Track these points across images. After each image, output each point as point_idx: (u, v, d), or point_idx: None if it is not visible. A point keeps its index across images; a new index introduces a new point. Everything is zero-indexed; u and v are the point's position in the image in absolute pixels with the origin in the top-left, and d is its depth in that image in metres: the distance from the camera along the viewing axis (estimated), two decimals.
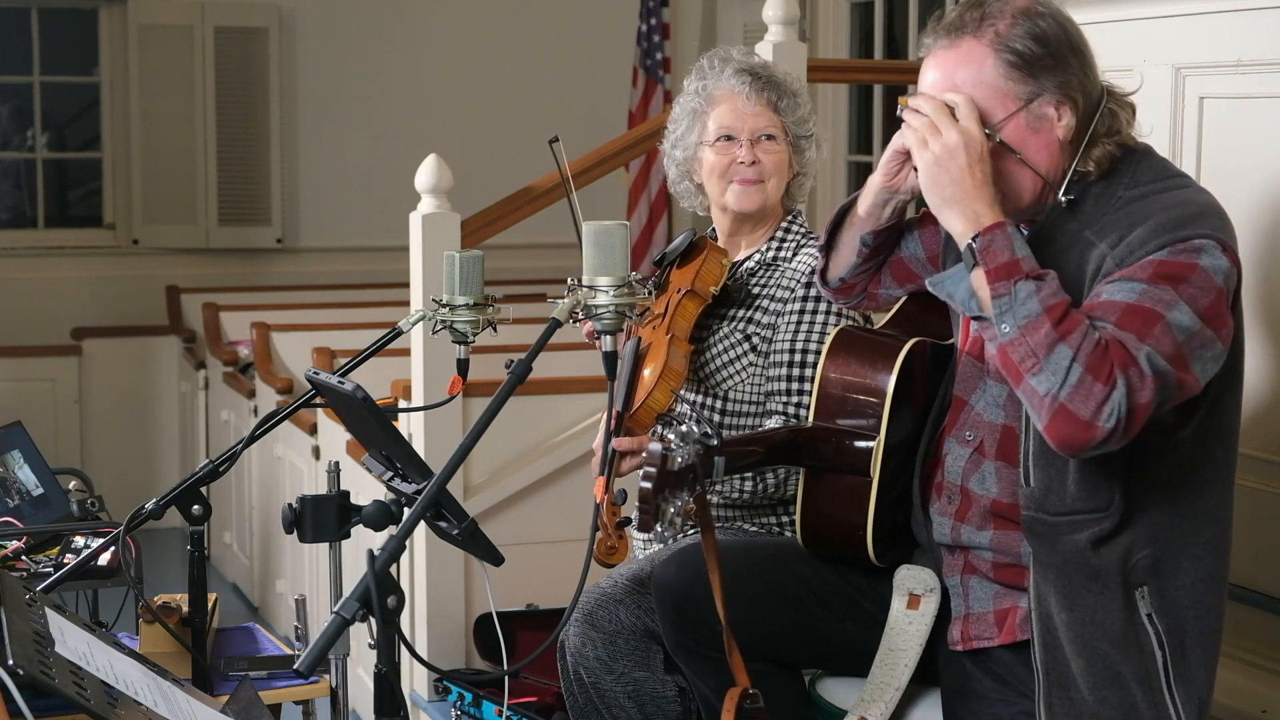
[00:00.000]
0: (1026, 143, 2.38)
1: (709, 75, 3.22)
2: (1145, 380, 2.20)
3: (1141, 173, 2.41)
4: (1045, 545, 2.39)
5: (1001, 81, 2.36)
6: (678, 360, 3.01)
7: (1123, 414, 2.18)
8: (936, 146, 2.32)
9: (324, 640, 2.08)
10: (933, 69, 2.43)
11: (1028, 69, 2.36)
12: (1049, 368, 2.20)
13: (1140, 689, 2.36)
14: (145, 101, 7.76)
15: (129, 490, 6.40)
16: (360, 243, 7.90)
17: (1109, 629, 2.36)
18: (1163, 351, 2.21)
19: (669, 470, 2.36)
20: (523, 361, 2.35)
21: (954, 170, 2.31)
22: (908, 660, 2.59)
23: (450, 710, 3.88)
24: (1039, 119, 2.37)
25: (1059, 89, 2.37)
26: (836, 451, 2.64)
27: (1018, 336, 2.23)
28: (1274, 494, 2.97)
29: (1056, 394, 2.20)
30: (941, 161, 2.32)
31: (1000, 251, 2.27)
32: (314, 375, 2.62)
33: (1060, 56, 2.37)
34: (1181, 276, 2.25)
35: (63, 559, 3.25)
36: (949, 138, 2.32)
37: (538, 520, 4.38)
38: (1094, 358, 2.19)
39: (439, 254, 3.21)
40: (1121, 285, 2.27)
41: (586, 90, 8.03)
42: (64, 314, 7.67)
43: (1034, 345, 2.21)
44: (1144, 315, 2.22)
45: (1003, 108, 2.37)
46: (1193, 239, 2.27)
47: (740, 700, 2.45)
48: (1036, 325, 2.22)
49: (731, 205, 3.20)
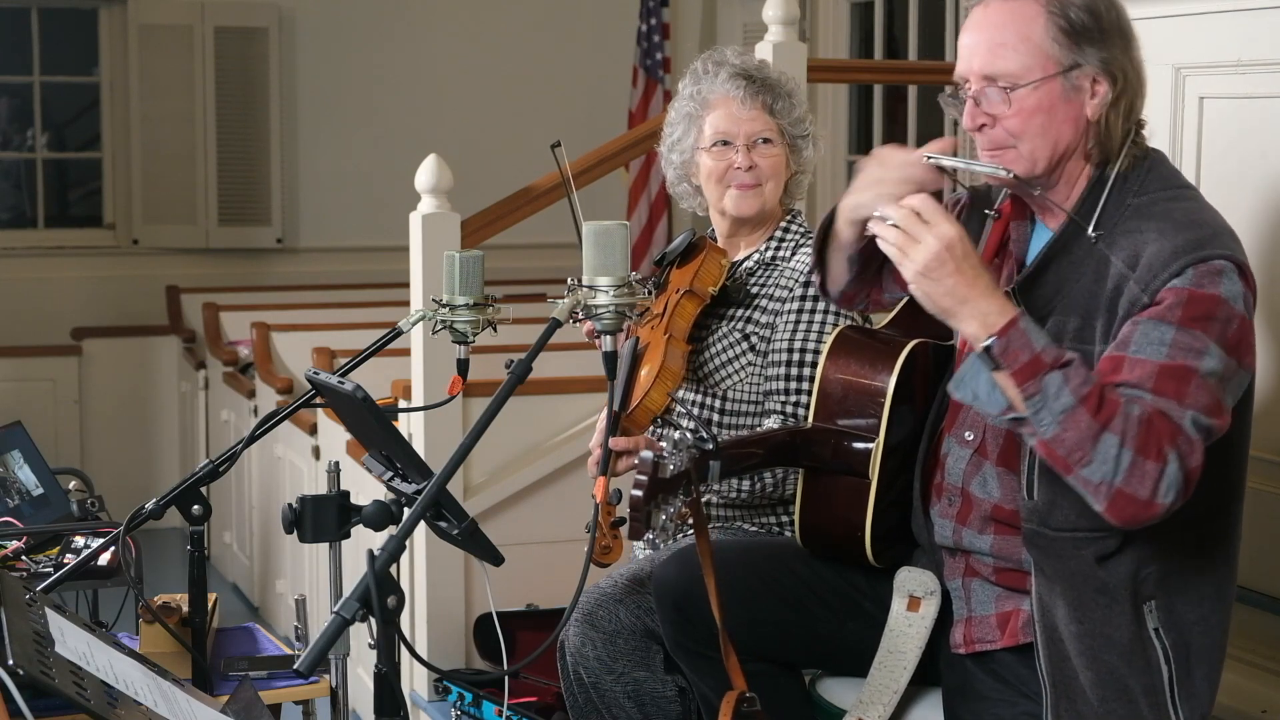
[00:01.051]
0: (1055, 109, 2.36)
1: (703, 79, 3.21)
2: (1194, 445, 2.20)
3: (1150, 181, 2.40)
4: (1049, 558, 2.38)
5: (1048, 43, 2.35)
6: (675, 360, 3.01)
7: (1180, 485, 2.19)
8: (919, 258, 2.27)
9: (324, 640, 2.07)
10: (973, 30, 2.40)
11: (1076, 37, 2.35)
12: (1098, 458, 2.18)
13: (1146, 702, 2.36)
14: (145, 101, 7.76)
15: (129, 490, 6.40)
16: (360, 243, 7.90)
17: (1118, 642, 2.35)
18: (1203, 408, 2.21)
19: (661, 478, 2.35)
20: (523, 361, 2.35)
21: (944, 278, 2.26)
22: (907, 663, 2.59)
23: (450, 710, 3.88)
24: (1075, 89, 2.37)
25: (1101, 65, 2.36)
26: (835, 452, 2.64)
27: (1059, 432, 2.19)
28: (1274, 494, 2.97)
29: (1112, 481, 2.18)
30: (930, 273, 2.26)
31: (1020, 351, 2.22)
32: (314, 375, 2.62)
33: (1109, 34, 2.37)
34: (1208, 314, 2.24)
35: (63, 559, 3.24)
36: (928, 245, 2.26)
37: (538, 520, 4.38)
38: (1141, 439, 2.17)
39: (439, 254, 3.21)
40: (1151, 332, 2.24)
41: (586, 90, 8.03)
42: (64, 314, 7.67)
43: (1079, 439, 2.18)
44: (1179, 376, 2.21)
45: (1041, 68, 2.35)
46: (1213, 259, 2.26)
47: (738, 704, 2.45)
48: (1076, 418, 2.18)
49: (730, 210, 3.19)
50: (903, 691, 2.58)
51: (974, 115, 2.40)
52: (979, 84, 2.39)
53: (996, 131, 2.39)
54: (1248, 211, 2.95)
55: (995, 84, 2.37)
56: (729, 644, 2.49)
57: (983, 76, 2.38)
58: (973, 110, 2.40)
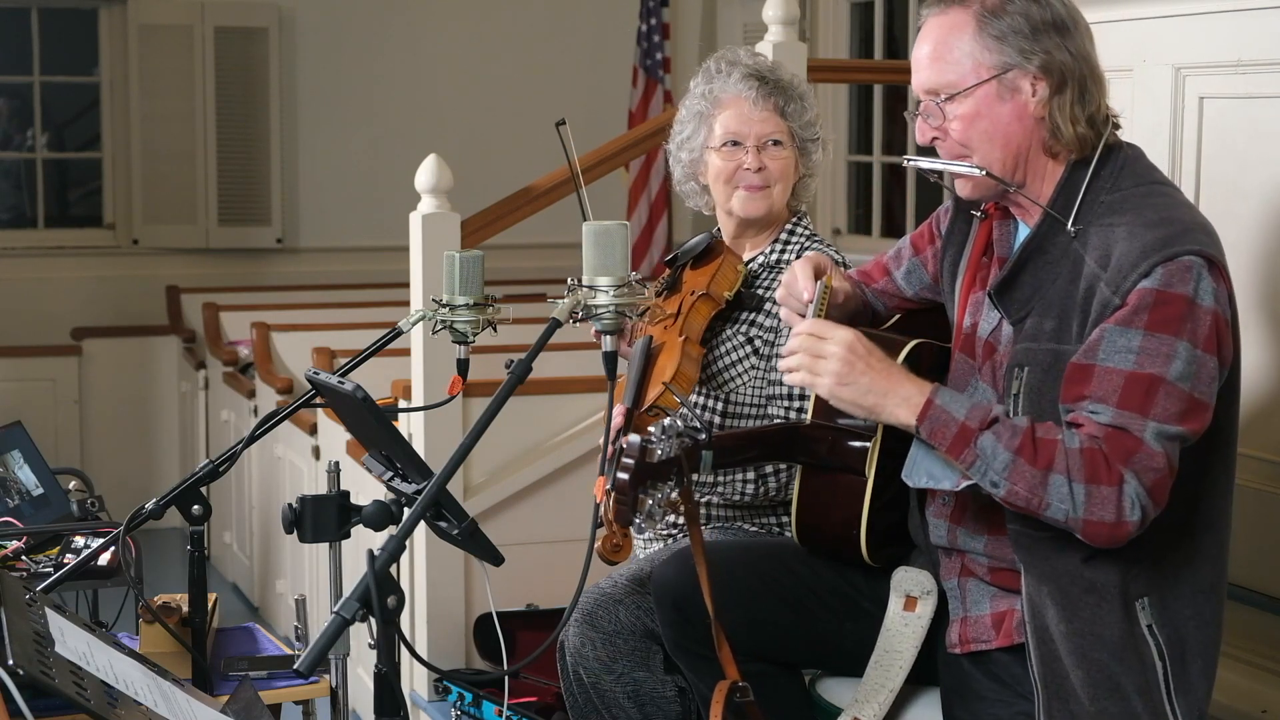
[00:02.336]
0: (995, 112, 2.39)
1: (715, 78, 3.21)
2: (1155, 456, 2.22)
3: (1124, 177, 2.41)
4: (1035, 559, 2.39)
5: (979, 50, 2.39)
6: (691, 362, 3.00)
7: (1144, 499, 2.22)
8: (830, 369, 2.33)
9: (324, 640, 2.07)
10: (917, 46, 2.47)
11: (1005, 39, 2.38)
12: (1053, 499, 2.23)
13: (1140, 700, 2.36)
14: (145, 101, 7.76)
15: (129, 490, 6.41)
16: (360, 243, 7.90)
17: (1108, 640, 2.35)
18: (1170, 415, 2.23)
19: (648, 463, 2.36)
20: (523, 361, 2.35)
21: (858, 378, 2.33)
22: (902, 662, 2.59)
23: (450, 710, 3.88)
24: (1012, 90, 2.39)
25: (1037, 62, 2.38)
26: (831, 449, 2.64)
27: (1011, 487, 2.26)
28: (1274, 494, 2.97)
29: (1075, 515, 2.23)
30: (844, 379, 2.33)
31: (946, 426, 2.29)
32: (314, 375, 2.62)
33: (1041, 31, 2.38)
34: (1177, 316, 2.25)
35: (63, 559, 3.24)
36: (833, 354, 2.33)
37: (538, 520, 4.38)
38: (1087, 470, 2.22)
39: (439, 254, 3.21)
40: (1118, 339, 2.26)
41: (586, 90, 8.03)
42: (64, 314, 7.67)
43: (1029, 487, 2.24)
44: (1145, 386, 2.23)
45: (975, 75, 2.39)
46: (1181, 256, 2.27)
47: (730, 693, 2.45)
48: (1018, 471, 2.25)
49: (737, 211, 3.19)
50: (898, 690, 2.59)
51: (923, 130, 2.47)
52: (926, 98, 2.45)
53: (948, 143, 2.44)
54: (1248, 211, 2.95)
55: (937, 96, 2.42)
56: (721, 634, 2.51)
57: (926, 91, 2.45)
58: (922, 125, 2.47)
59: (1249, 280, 2.95)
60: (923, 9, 2.50)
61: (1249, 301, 2.96)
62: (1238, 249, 2.96)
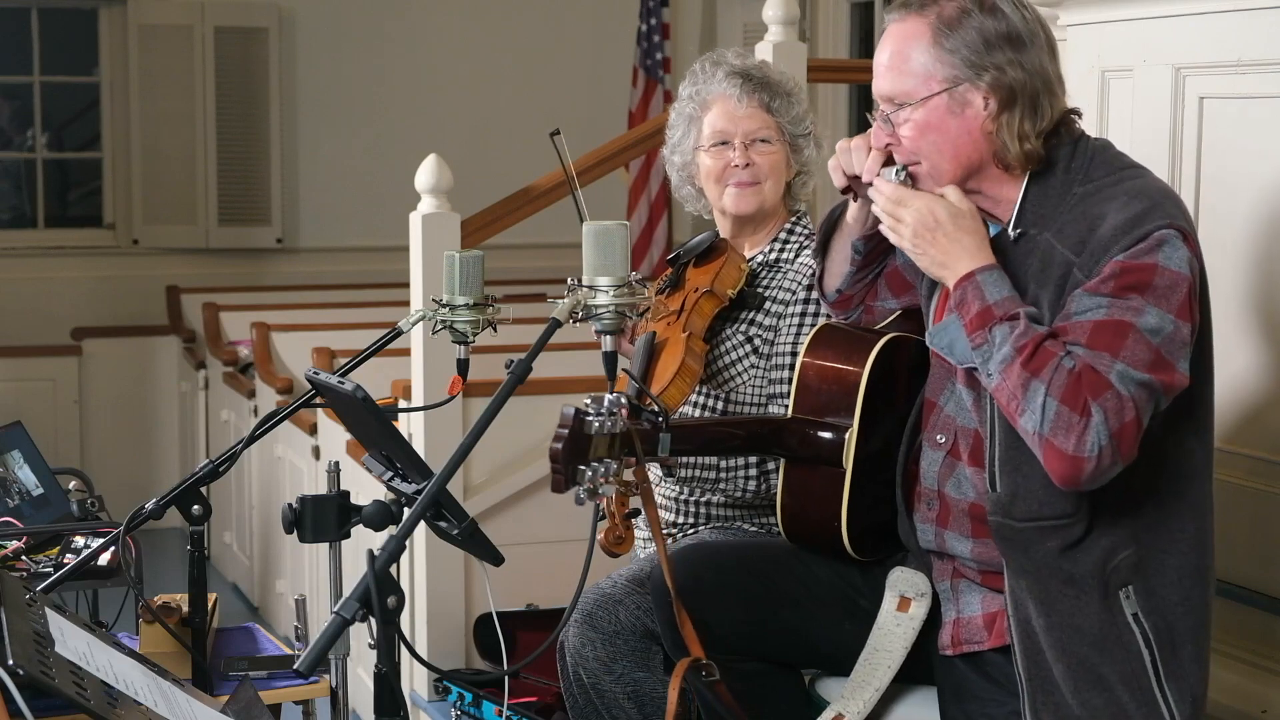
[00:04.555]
0: (945, 125, 2.40)
1: (701, 80, 3.23)
2: (1124, 402, 2.21)
3: (1095, 168, 2.42)
4: (1016, 551, 2.39)
5: (931, 62, 2.40)
6: (695, 358, 3.00)
7: (1104, 442, 2.20)
8: (909, 220, 2.40)
9: (324, 640, 2.08)
10: (878, 52, 2.48)
11: (957, 54, 2.39)
12: (1029, 407, 2.24)
13: (1127, 690, 2.36)
14: (145, 101, 7.76)
15: (129, 490, 6.39)
16: (360, 243, 7.90)
17: (1088, 632, 2.36)
18: (1138, 362, 2.23)
19: (583, 434, 2.35)
20: (523, 361, 2.35)
21: (929, 249, 2.39)
22: (891, 662, 2.59)
23: (450, 710, 3.88)
24: (963, 104, 2.40)
25: (987, 79, 2.38)
26: (803, 442, 2.65)
27: (1000, 381, 2.28)
28: (1274, 494, 2.97)
29: (1040, 431, 2.23)
30: (919, 234, 2.40)
31: (972, 301, 2.33)
32: (314, 375, 2.62)
33: (994, 46, 2.38)
34: (1146, 282, 2.26)
35: (63, 559, 3.24)
36: (917, 205, 2.40)
37: (538, 520, 4.38)
38: (1067, 390, 2.22)
39: (439, 254, 3.21)
40: (1087, 301, 2.28)
41: (586, 90, 8.03)
42: (64, 314, 7.66)
43: (1013, 387, 2.25)
44: (1114, 328, 2.24)
45: (926, 86, 2.40)
46: (1152, 232, 2.28)
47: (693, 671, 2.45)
48: (1011, 367, 2.26)
49: (729, 208, 3.20)
50: (884, 689, 2.59)
51: (878, 135, 2.48)
52: (884, 104, 2.46)
53: (901, 150, 2.46)
54: (1247, 211, 2.95)
55: (893, 103, 2.44)
56: (683, 612, 2.54)
57: (883, 97, 2.46)
58: (878, 130, 2.47)
59: (1248, 280, 2.95)
60: (886, 14, 2.51)
61: (1247, 301, 2.96)
62: (1237, 248, 2.96)
